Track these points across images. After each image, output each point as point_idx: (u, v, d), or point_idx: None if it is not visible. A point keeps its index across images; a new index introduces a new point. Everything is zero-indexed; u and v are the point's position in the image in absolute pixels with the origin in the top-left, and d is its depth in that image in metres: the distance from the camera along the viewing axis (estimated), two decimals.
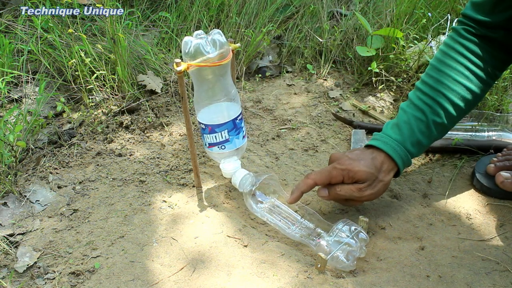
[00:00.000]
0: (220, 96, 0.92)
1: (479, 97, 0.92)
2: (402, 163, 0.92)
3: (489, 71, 0.91)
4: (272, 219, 0.93)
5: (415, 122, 0.92)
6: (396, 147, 0.91)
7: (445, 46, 0.94)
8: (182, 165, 1.10)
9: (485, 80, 0.91)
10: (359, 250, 0.84)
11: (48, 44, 1.34)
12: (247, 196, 0.95)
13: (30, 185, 1.03)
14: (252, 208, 0.94)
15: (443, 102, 0.90)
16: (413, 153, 0.93)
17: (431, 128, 0.92)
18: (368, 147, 0.95)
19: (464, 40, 0.92)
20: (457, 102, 0.90)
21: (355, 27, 1.51)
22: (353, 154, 0.92)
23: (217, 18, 1.54)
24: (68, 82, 1.30)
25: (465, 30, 0.92)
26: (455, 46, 0.92)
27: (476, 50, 0.90)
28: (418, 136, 0.92)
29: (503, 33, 0.89)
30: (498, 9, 0.87)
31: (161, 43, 1.45)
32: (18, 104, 1.25)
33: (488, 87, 0.93)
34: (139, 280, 0.81)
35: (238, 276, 0.82)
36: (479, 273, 0.84)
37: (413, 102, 0.94)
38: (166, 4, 1.57)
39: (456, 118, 0.93)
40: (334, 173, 0.90)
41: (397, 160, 0.91)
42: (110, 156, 1.12)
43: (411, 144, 0.92)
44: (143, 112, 1.26)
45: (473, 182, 1.06)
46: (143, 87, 1.31)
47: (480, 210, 1.00)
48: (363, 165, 0.89)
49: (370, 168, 0.89)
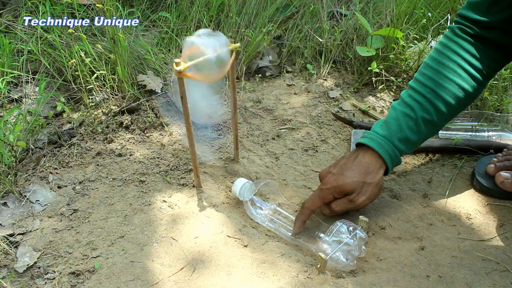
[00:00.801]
0: None
1: (472, 96, 0.92)
2: (390, 159, 0.92)
3: (484, 70, 0.91)
4: (272, 224, 0.93)
5: (404, 119, 0.92)
6: (383, 142, 0.91)
7: (440, 45, 0.94)
8: (182, 165, 1.10)
9: (479, 80, 0.91)
10: (359, 249, 0.84)
11: (48, 44, 1.34)
12: (248, 204, 0.95)
13: (30, 185, 1.03)
14: (253, 215, 0.95)
15: (433, 100, 0.90)
16: (401, 149, 0.92)
17: (420, 125, 0.91)
18: (356, 146, 0.96)
19: (459, 39, 0.92)
20: (448, 100, 0.90)
21: (355, 27, 1.51)
22: (336, 169, 0.92)
23: (217, 18, 1.54)
24: (68, 82, 1.30)
25: (460, 29, 0.92)
26: (450, 45, 0.92)
27: (471, 49, 0.90)
28: (406, 132, 0.91)
29: (499, 33, 0.89)
30: (494, 9, 0.87)
31: (161, 43, 1.45)
32: (18, 104, 1.25)
33: (482, 87, 0.93)
34: (139, 280, 0.81)
35: (238, 276, 0.82)
36: (479, 273, 0.84)
37: (403, 99, 0.94)
38: (166, 4, 1.57)
39: (447, 116, 0.92)
40: (322, 194, 0.92)
41: (383, 156, 0.91)
42: (110, 156, 1.12)
43: (398, 140, 0.92)
44: (143, 112, 1.26)
45: (473, 182, 1.06)
46: (143, 87, 1.31)
47: (480, 210, 1.00)
48: (347, 177, 0.90)
49: (355, 177, 0.90)
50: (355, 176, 0.90)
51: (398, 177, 1.09)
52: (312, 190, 1.04)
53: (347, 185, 0.90)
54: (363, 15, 1.53)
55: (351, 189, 0.90)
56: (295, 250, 0.89)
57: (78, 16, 1.39)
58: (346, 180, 0.90)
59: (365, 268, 0.86)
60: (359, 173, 0.90)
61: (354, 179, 0.89)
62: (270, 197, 1.00)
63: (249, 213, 0.96)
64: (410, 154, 1.16)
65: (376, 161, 0.91)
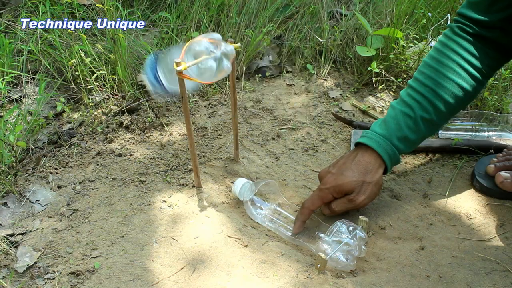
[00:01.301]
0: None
1: (471, 95, 0.92)
2: (389, 158, 0.92)
3: (483, 69, 0.91)
4: (272, 224, 0.93)
5: (403, 118, 0.92)
6: (382, 141, 0.91)
7: (440, 44, 0.94)
8: (182, 165, 1.10)
9: (478, 79, 0.91)
10: (359, 249, 0.84)
11: (48, 44, 1.34)
12: (248, 204, 0.95)
13: (30, 185, 1.03)
14: (253, 215, 0.95)
15: (432, 99, 0.90)
16: (400, 148, 0.92)
17: (419, 124, 0.91)
18: (356, 146, 0.96)
19: (458, 38, 0.91)
20: (447, 99, 0.90)
21: (355, 27, 1.51)
22: (335, 168, 0.92)
23: (217, 18, 1.54)
24: (68, 82, 1.30)
25: (460, 28, 0.92)
26: (449, 44, 0.92)
27: (471, 48, 0.90)
28: (405, 131, 0.91)
29: (499, 33, 0.89)
30: (494, 9, 0.87)
31: (161, 43, 1.45)
32: (18, 104, 1.25)
33: (481, 86, 0.93)
34: (139, 280, 0.81)
35: (238, 276, 0.82)
36: (479, 273, 0.84)
37: (403, 98, 0.94)
38: (166, 4, 1.57)
39: (446, 115, 0.92)
40: (322, 194, 0.92)
41: (382, 155, 0.91)
42: (110, 156, 1.12)
43: (397, 139, 0.92)
44: (143, 112, 1.26)
45: (473, 182, 1.06)
46: (143, 87, 1.31)
47: (480, 210, 1.00)
48: (347, 177, 0.90)
49: (354, 176, 0.90)
50: (354, 175, 0.90)
51: (398, 177, 1.09)
52: (312, 190, 1.04)
53: (346, 184, 0.90)
54: (363, 15, 1.54)
55: (350, 188, 0.90)
56: (295, 250, 0.89)
57: (78, 16, 1.39)
58: (346, 180, 0.90)
59: (365, 268, 0.86)
60: (358, 172, 0.90)
61: (354, 179, 0.89)
62: (270, 197, 1.00)
63: (249, 213, 0.96)
64: (410, 154, 1.16)
65: (375, 160, 0.91)
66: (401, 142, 0.92)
